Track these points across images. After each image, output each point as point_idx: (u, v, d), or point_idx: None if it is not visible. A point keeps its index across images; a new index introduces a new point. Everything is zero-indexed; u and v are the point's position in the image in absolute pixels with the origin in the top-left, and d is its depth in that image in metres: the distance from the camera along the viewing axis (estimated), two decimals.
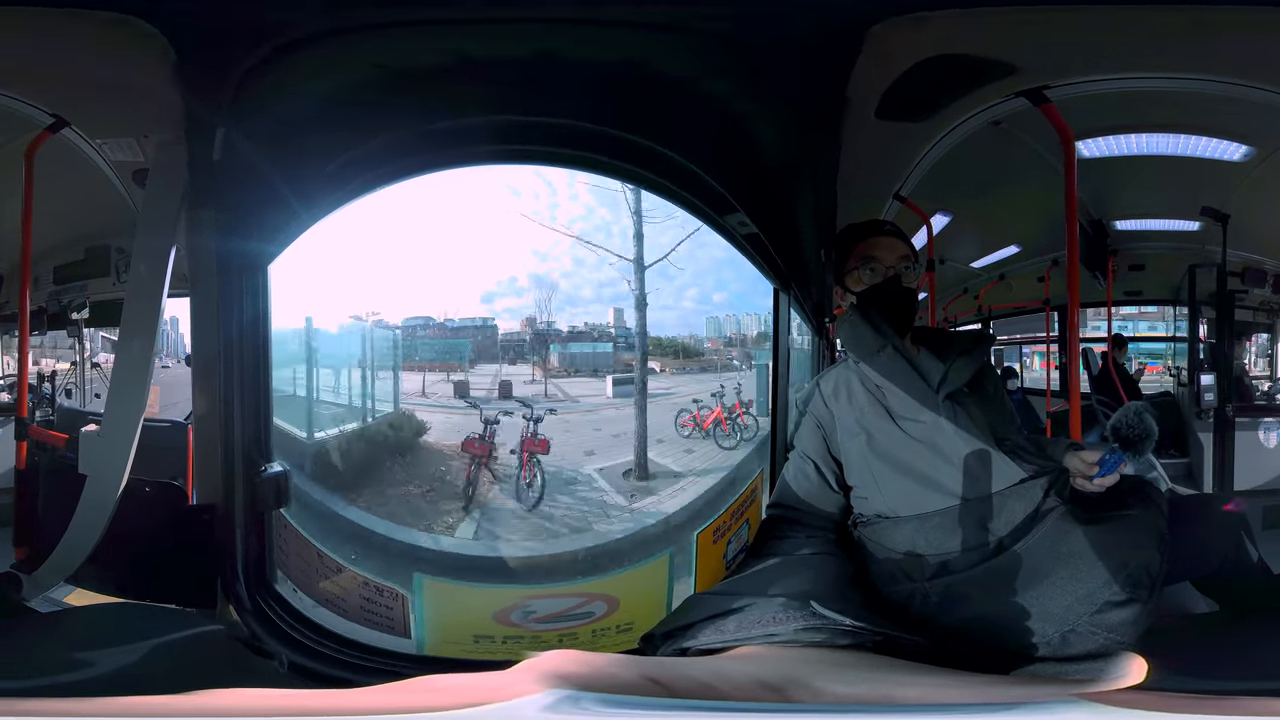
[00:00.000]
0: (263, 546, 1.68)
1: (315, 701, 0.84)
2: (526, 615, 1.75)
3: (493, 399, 2.40)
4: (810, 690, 0.91)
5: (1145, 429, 1.28)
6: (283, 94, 1.54)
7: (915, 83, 1.60)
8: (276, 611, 1.63)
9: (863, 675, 1.04)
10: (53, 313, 2.29)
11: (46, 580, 1.67)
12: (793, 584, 1.29)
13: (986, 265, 3.21)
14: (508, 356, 2.42)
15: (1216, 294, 3.05)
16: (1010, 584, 1.35)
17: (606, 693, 0.78)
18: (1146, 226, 2.96)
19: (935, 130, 1.94)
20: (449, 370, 2.40)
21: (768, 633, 1.15)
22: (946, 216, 2.74)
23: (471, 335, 2.38)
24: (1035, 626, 1.31)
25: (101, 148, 1.95)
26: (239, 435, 1.65)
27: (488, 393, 2.41)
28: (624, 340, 2.47)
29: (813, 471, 1.56)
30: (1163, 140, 2.44)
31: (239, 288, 1.65)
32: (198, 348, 1.66)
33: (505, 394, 2.42)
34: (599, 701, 0.76)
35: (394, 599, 1.75)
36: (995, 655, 1.30)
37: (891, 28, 1.41)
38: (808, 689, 0.91)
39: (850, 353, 1.61)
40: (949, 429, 1.46)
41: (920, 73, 1.56)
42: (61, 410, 2.34)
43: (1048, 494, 1.43)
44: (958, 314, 3.32)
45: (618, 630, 1.77)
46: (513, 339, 2.42)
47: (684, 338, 2.50)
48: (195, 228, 1.61)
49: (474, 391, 2.41)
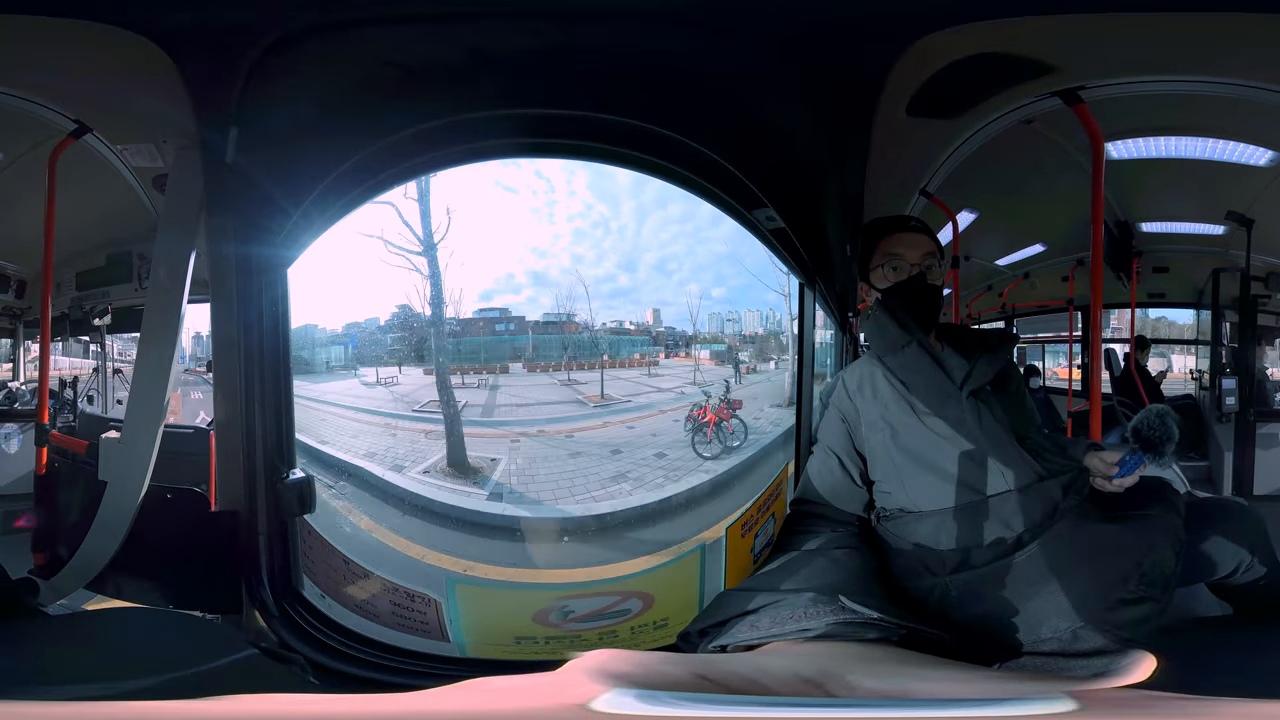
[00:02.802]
0: (287, 552, 1.67)
1: (375, 707, 0.83)
2: (564, 615, 1.75)
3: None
4: (844, 684, 0.92)
5: (1166, 432, 1.30)
6: (293, 93, 1.53)
7: (949, 81, 1.59)
8: (305, 618, 1.62)
9: (890, 669, 1.06)
10: (75, 318, 2.29)
11: (65, 586, 1.68)
12: (819, 578, 1.32)
13: (1011, 263, 3.20)
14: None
15: (1240, 298, 3.03)
16: (1027, 580, 1.36)
17: (662, 690, 0.77)
18: (1171, 229, 2.95)
19: (965, 127, 1.94)
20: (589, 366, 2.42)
21: (801, 628, 1.17)
22: (973, 213, 2.73)
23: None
24: (1049, 622, 1.32)
25: (122, 154, 1.96)
26: (260, 440, 1.64)
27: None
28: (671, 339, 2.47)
29: (836, 466, 1.57)
30: (1190, 144, 2.43)
31: (258, 291, 1.64)
32: (218, 352, 1.66)
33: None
34: (657, 700, 0.75)
35: (426, 604, 1.74)
36: (1006, 650, 1.32)
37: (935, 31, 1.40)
38: (842, 683, 0.93)
39: (874, 348, 1.63)
40: (971, 425, 1.48)
41: (955, 71, 1.56)
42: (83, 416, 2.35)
43: (1067, 493, 1.44)
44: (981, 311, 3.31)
45: (654, 627, 1.77)
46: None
47: (706, 333, 2.47)
48: (214, 232, 1.61)
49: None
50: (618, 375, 2.36)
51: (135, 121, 1.83)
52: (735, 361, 2.48)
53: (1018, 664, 1.31)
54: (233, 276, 1.62)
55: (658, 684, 0.81)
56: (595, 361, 2.33)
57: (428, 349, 2.25)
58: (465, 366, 2.27)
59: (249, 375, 1.63)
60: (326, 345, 2.22)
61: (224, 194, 1.58)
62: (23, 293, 2.19)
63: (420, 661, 1.64)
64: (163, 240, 1.61)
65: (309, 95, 1.55)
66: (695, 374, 2.44)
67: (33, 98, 1.82)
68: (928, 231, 1.62)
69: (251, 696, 0.86)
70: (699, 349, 2.43)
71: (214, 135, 1.55)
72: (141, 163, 1.99)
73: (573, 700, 0.74)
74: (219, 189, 1.58)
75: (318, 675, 1.52)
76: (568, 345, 2.31)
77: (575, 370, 2.35)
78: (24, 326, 2.23)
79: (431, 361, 2.25)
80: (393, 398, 2.29)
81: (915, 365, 1.53)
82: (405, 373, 2.29)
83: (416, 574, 1.86)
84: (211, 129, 1.54)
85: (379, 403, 2.28)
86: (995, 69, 1.63)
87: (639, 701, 0.74)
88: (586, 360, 2.34)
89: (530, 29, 1.47)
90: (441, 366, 2.25)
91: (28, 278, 2.16)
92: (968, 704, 0.91)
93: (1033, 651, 1.32)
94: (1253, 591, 1.57)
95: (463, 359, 2.26)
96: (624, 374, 2.37)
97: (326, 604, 1.71)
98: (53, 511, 2.01)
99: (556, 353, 2.32)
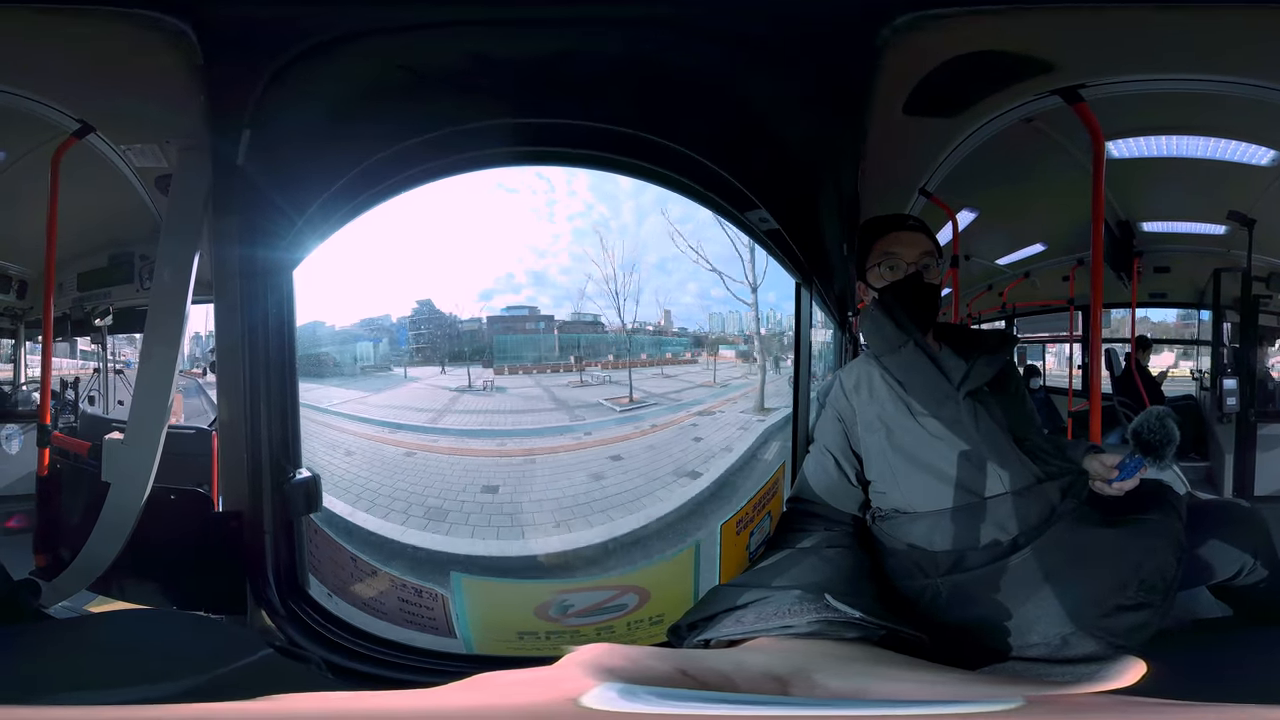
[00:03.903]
0: (293, 552, 1.67)
1: (394, 703, 0.83)
2: (564, 610, 1.75)
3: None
4: (809, 683, 0.92)
5: (1167, 434, 1.29)
6: (309, 97, 1.53)
7: (946, 79, 1.59)
8: (312, 616, 1.62)
9: (859, 669, 1.06)
10: (77, 319, 2.30)
11: (67, 588, 1.68)
12: (808, 576, 1.31)
13: (1011, 262, 3.20)
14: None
15: (1241, 298, 3.03)
16: (1022, 584, 1.36)
17: (647, 685, 0.78)
18: (1173, 229, 2.95)
19: (964, 126, 1.93)
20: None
21: (783, 624, 1.17)
22: (972, 212, 2.73)
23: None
24: (1041, 627, 1.31)
25: (126, 154, 1.96)
26: (265, 441, 1.64)
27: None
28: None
29: (832, 465, 1.57)
30: (1192, 143, 2.43)
31: (263, 292, 1.64)
32: (222, 353, 1.66)
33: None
34: (636, 695, 0.75)
35: (434, 600, 1.74)
36: (991, 653, 1.31)
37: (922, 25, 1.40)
38: (807, 681, 0.92)
39: (871, 347, 1.62)
40: (969, 426, 1.47)
41: (952, 69, 1.56)
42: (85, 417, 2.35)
43: (1065, 496, 1.43)
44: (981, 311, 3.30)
45: (651, 622, 1.79)
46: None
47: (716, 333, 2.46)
48: (219, 233, 1.61)
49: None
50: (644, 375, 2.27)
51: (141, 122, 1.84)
52: (775, 356, 2.48)
53: (1001, 668, 1.30)
54: (237, 278, 1.62)
55: (645, 679, 0.81)
56: (624, 361, 2.24)
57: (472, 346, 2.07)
58: (524, 366, 2.13)
59: (254, 377, 1.63)
60: (350, 342, 2.04)
61: (230, 194, 1.59)
62: (24, 293, 2.19)
63: (427, 659, 1.64)
64: (167, 241, 1.61)
65: (321, 100, 1.55)
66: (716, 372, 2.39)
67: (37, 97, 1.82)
68: (925, 230, 1.61)
69: (286, 696, 0.86)
70: (724, 349, 2.42)
71: (224, 137, 1.55)
72: (145, 163, 1.99)
73: (564, 695, 0.75)
74: (225, 189, 1.58)
75: (333, 673, 1.52)
76: (605, 345, 2.24)
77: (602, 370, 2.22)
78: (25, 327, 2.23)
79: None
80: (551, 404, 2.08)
81: (912, 365, 1.53)
82: (477, 372, 2.07)
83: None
84: (223, 131, 1.55)
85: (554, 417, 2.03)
86: (993, 67, 1.63)
87: (620, 697, 0.74)
88: (618, 360, 2.26)
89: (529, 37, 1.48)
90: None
91: (30, 278, 2.17)
92: (918, 704, 0.91)
93: (1018, 656, 1.31)
94: (1254, 594, 1.56)
95: (509, 358, 2.11)
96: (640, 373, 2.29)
97: (334, 603, 1.71)
98: (55, 513, 2.02)
99: (589, 352, 2.23)
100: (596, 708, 0.73)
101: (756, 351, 2.25)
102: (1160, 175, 2.58)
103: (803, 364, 2.00)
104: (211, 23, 1.40)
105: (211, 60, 1.45)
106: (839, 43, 1.46)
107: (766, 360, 2.26)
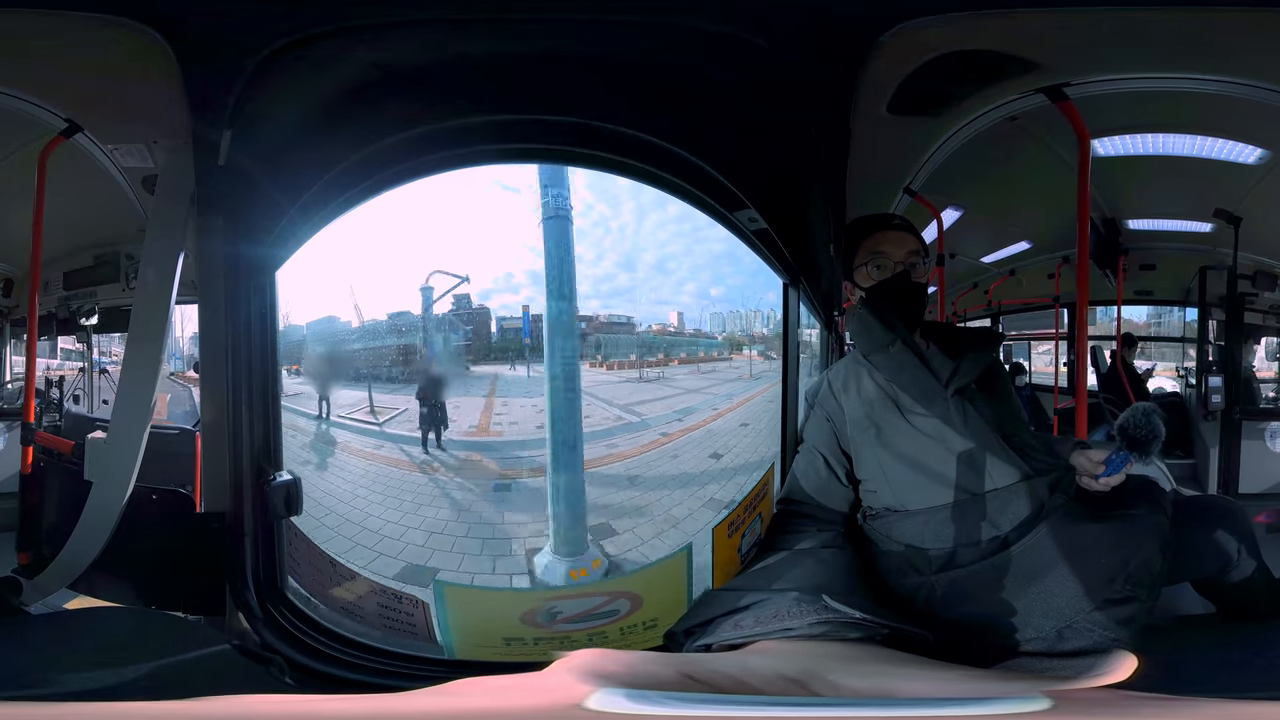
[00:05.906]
0: (273, 554, 1.66)
1: (360, 706, 0.83)
2: (552, 617, 1.73)
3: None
4: (827, 684, 0.93)
5: (1152, 430, 1.29)
6: (289, 96, 1.53)
7: (931, 78, 1.60)
8: (289, 619, 1.61)
9: (872, 669, 1.06)
10: (62, 318, 2.29)
11: (48, 585, 1.67)
12: (804, 578, 1.31)
13: (997, 260, 3.21)
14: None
15: (1227, 296, 3.04)
16: (1013, 579, 1.37)
17: (650, 690, 0.78)
18: (1159, 226, 2.96)
19: (949, 125, 1.93)
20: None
21: (783, 627, 1.17)
22: (958, 211, 2.74)
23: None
24: (1034, 622, 1.32)
25: (113, 154, 1.96)
26: (247, 442, 1.63)
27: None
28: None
29: (822, 465, 1.57)
30: (1178, 141, 2.44)
31: (246, 293, 1.63)
32: (205, 354, 1.64)
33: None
34: (647, 699, 0.75)
35: (414, 605, 1.72)
36: (991, 649, 1.32)
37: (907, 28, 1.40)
38: (824, 682, 0.93)
39: (859, 346, 1.62)
40: (958, 424, 1.47)
41: (937, 68, 1.56)
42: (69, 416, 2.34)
43: (1053, 491, 1.44)
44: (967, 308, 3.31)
45: (644, 627, 1.76)
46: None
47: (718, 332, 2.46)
48: (203, 233, 1.60)
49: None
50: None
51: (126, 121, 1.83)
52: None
53: (1002, 664, 1.30)
54: (221, 278, 1.61)
55: (646, 684, 0.81)
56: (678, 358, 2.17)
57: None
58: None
59: (237, 377, 1.62)
60: (377, 338, 1.88)
61: (213, 194, 1.58)
62: (10, 291, 2.19)
63: (407, 664, 1.62)
64: (151, 241, 1.60)
65: (303, 99, 1.54)
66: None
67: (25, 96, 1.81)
68: (911, 229, 1.61)
69: (233, 698, 0.86)
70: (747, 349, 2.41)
71: (206, 137, 1.54)
72: (132, 163, 1.99)
73: (564, 700, 0.74)
74: (209, 189, 1.57)
75: (295, 676, 1.51)
76: (643, 345, 2.19)
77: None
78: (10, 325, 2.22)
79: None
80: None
81: (900, 363, 1.53)
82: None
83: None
84: (205, 131, 1.53)
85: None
86: (977, 66, 1.63)
87: (629, 701, 0.74)
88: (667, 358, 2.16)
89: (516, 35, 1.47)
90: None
91: (15, 277, 2.16)
92: (948, 703, 0.91)
93: (1018, 651, 1.32)
94: (1238, 590, 1.58)
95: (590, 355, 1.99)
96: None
97: (312, 606, 1.69)
98: (37, 511, 2.01)
99: (622, 353, 2.16)
100: (601, 711, 0.73)
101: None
102: (1146, 173, 2.59)
103: (790, 364, 2.00)
104: (186, 24, 1.39)
105: (187, 61, 1.44)
106: (825, 44, 1.47)
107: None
